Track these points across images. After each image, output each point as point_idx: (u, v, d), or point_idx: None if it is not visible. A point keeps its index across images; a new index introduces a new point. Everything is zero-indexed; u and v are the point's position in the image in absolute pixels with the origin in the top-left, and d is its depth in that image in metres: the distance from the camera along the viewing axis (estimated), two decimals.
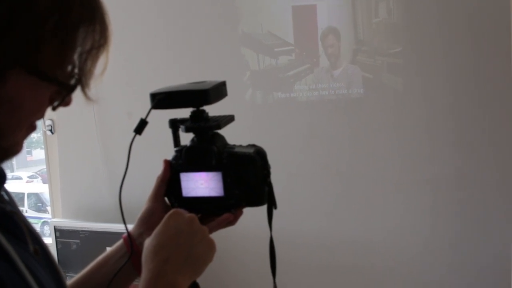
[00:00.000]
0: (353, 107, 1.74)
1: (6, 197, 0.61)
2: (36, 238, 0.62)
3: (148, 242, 0.68)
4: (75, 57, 0.54)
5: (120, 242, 0.79)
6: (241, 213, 0.77)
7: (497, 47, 1.55)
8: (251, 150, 0.74)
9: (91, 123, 1.76)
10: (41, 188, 4.68)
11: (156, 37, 1.88)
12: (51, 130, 1.92)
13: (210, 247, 0.70)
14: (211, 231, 0.74)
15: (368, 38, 1.68)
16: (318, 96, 1.78)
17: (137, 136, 0.72)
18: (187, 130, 0.76)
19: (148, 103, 0.73)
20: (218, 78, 1.79)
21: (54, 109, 0.57)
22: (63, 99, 0.56)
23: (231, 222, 0.76)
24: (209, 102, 0.73)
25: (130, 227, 0.79)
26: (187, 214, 0.70)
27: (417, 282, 1.67)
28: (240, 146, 0.76)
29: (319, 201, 1.80)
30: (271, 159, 0.78)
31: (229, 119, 0.78)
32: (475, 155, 1.62)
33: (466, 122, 1.62)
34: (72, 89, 0.55)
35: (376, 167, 1.74)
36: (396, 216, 1.69)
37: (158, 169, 0.79)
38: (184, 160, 0.76)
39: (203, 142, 0.75)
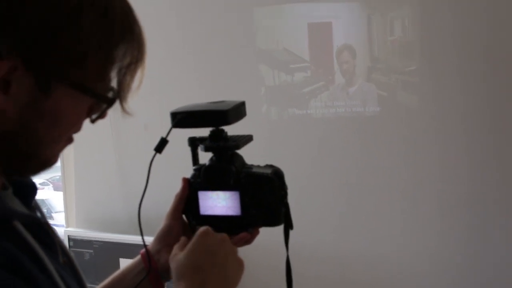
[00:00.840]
0: (368, 125, 1.74)
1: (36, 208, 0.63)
2: (63, 249, 0.64)
3: (180, 259, 0.68)
4: (115, 72, 0.56)
5: (137, 258, 0.79)
6: (257, 232, 0.78)
7: None
8: (268, 171, 0.75)
9: (107, 134, 1.78)
10: (48, 195, 4.71)
11: (174, 51, 1.91)
12: None
13: (241, 267, 0.71)
14: None
15: (383, 56, 1.69)
16: (334, 113, 1.79)
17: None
18: (206, 149, 0.77)
19: (164, 116, 0.75)
20: (234, 93, 1.85)
21: (93, 121, 0.60)
22: (102, 112, 0.59)
23: (248, 241, 0.77)
24: (228, 122, 0.75)
25: (148, 240, 0.79)
26: (218, 234, 0.71)
27: None
28: (258, 166, 0.77)
29: (330, 215, 1.79)
30: (285, 173, 0.78)
31: (248, 139, 0.79)
32: (488, 173, 1.60)
33: (481, 141, 1.62)
34: (111, 102, 0.57)
35: (390, 183, 1.73)
36: (405, 230, 1.68)
37: (176, 184, 0.79)
38: (203, 179, 0.77)
39: (222, 162, 0.77)
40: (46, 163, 0.57)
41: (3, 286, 0.47)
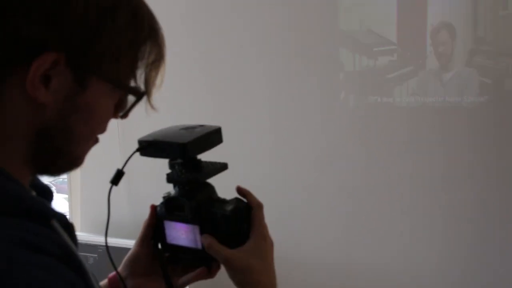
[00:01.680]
0: (466, 118, 1.47)
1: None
2: None
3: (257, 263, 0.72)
4: (142, 68, 0.60)
5: (105, 282, 0.79)
6: (218, 267, 0.77)
7: None
8: (229, 208, 0.73)
9: (114, 138, 1.73)
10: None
11: (238, 33, 1.75)
12: None
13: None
14: (188, 282, 0.78)
15: (491, 35, 1.41)
16: (422, 103, 1.53)
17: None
18: (168, 180, 0.76)
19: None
20: (309, 78, 1.66)
21: (122, 117, 0.63)
22: (129, 109, 0.61)
23: (210, 275, 0.78)
24: (187, 155, 0.72)
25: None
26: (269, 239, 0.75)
27: None
28: (223, 200, 0.76)
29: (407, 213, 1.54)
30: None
31: (218, 169, 0.76)
32: None
33: None
34: (142, 95, 0.60)
35: (484, 187, 1.45)
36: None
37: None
38: (165, 209, 0.76)
39: (182, 195, 0.75)
40: (75, 161, 0.60)
41: (58, 276, 0.48)
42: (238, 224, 0.74)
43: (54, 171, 0.60)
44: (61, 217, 0.56)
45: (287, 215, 1.67)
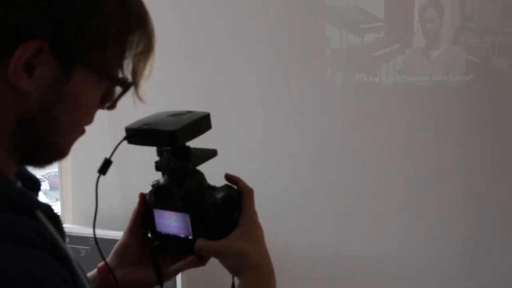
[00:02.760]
0: (452, 96, 1.48)
1: None
2: None
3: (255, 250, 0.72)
4: (130, 58, 0.58)
5: (94, 272, 0.78)
6: (209, 256, 0.76)
7: None
8: (219, 195, 0.73)
9: (105, 130, 1.69)
10: None
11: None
12: None
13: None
14: (179, 270, 0.77)
15: (478, 13, 1.41)
16: (408, 81, 1.53)
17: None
18: (156, 168, 0.74)
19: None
20: (295, 54, 1.64)
21: (109, 108, 0.61)
22: (116, 100, 0.60)
23: (201, 263, 0.77)
24: (176, 143, 0.71)
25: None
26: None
27: None
28: (213, 188, 0.75)
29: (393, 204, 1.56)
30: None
31: (207, 156, 0.75)
32: None
33: None
34: (128, 86, 0.59)
35: (474, 171, 1.47)
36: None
37: None
38: (154, 198, 0.75)
39: (172, 183, 0.74)
40: (60, 152, 0.59)
41: (43, 267, 0.47)
42: (228, 211, 0.73)
43: (39, 162, 0.59)
44: (46, 208, 0.55)
45: (278, 203, 1.67)
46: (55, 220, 0.57)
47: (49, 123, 0.55)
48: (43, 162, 0.59)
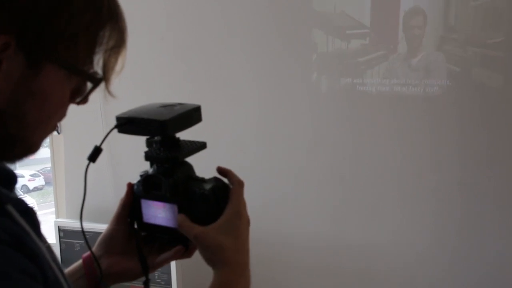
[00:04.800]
0: (431, 104, 1.51)
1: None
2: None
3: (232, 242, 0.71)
4: (101, 54, 0.57)
5: (79, 262, 0.77)
6: (195, 247, 0.75)
7: None
8: (208, 187, 0.72)
9: (98, 124, 1.69)
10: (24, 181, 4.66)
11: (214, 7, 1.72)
12: (57, 130, 1.86)
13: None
14: (165, 262, 0.77)
15: (461, 24, 1.44)
16: (391, 87, 1.56)
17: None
18: (146, 158, 0.74)
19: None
20: (283, 57, 1.65)
21: (79, 103, 0.60)
22: (87, 95, 0.59)
23: (187, 254, 0.76)
24: (167, 133, 0.72)
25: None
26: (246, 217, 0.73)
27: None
28: (202, 180, 0.74)
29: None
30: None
31: (197, 148, 0.75)
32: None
33: None
34: (98, 82, 0.58)
35: (450, 174, 1.50)
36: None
37: None
38: (142, 188, 0.75)
39: (160, 173, 0.73)
40: (31, 148, 0.58)
41: (9, 263, 0.47)
42: (216, 203, 0.72)
43: (9, 158, 0.58)
44: (18, 202, 0.55)
45: (273, 196, 1.68)
46: (29, 214, 0.56)
47: (19, 119, 0.54)
48: (13, 158, 0.58)
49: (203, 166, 0.78)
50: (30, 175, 4.86)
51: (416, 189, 1.56)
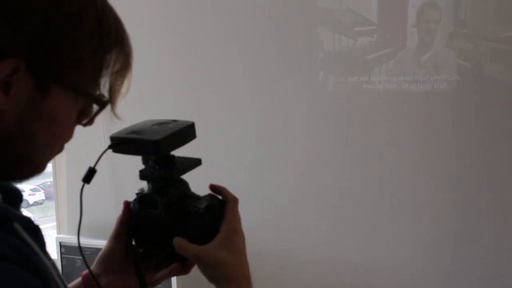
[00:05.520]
0: (441, 101, 1.47)
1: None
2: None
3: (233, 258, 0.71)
4: (107, 77, 0.59)
5: (78, 280, 0.78)
6: (193, 263, 0.75)
7: None
8: (202, 205, 0.72)
9: (100, 140, 1.64)
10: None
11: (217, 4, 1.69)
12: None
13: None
14: (162, 279, 0.77)
15: (472, 19, 1.41)
16: (400, 85, 1.53)
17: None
18: (141, 177, 0.74)
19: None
20: (287, 57, 1.62)
21: (85, 125, 0.62)
22: (92, 117, 0.61)
23: (184, 271, 0.77)
24: (160, 153, 0.71)
25: None
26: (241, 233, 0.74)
27: None
28: (197, 197, 0.75)
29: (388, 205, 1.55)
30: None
31: (191, 165, 0.74)
32: None
33: None
34: (104, 105, 0.59)
35: (463, 175, 1.47)
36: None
37: None
38: (138, 206, 0.75)
39: (155, 191, 0.74)
40: (37, 168, 0.59)
41: (17, 280, 0.48)
42: (211, 221, 0.72)
43: (15, 178, 0.59)
44: (24, 220, 0.56)
45: (271, 209, 1.65)
46: (35, 232, 0.57)
47: (26, 140, 0.55)
48: (19, 177, 0.59)
49: (204, 178, 0.77)
50: (31, 189, 4.93)
51: (415, 204, 1.53)
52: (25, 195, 5.15)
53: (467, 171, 1.48)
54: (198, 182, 0.77)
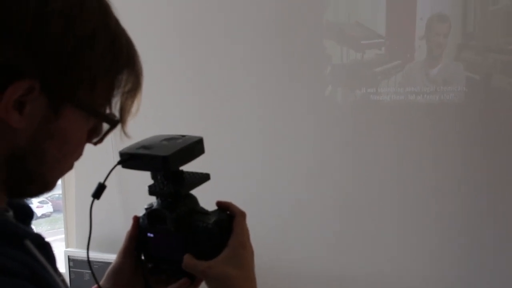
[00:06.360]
0: (449, 114, 1.47)
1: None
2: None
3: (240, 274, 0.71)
4: (118, 96, 0.60)
5: None
6: (201, 279, 0.76)
7: None
8: (211, 220, 0.73)
9: (108, 154, 1.66)
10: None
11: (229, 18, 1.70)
12: None
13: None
14: None
15: (480, 31, 1.41)
16: (409, 98, 1.53)
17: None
18: (150, 192, 0.75)
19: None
20: (295, 71, 1.63)
21: (96, 144, 0.63)
22: (104, 136, 0.62)
23: (193, 285, 0.78)
24: (169, 168, 0.72)
25: None
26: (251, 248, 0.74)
27: None
28: (205, 212, 0.75)
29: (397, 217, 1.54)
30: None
31: (200, 180, 0.75)
32: None
33: None
34: (116, 124, 0.60)
35: (473, 188, 1.46)
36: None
37: None
38: (147, 221, 0.76)
39: (164, 207, 0.74)
40: (47, 185, 0.60)
41: None
42: (220, 235, 0.73)
43: (26, 195, 0.60)
44: (35, 237, 0.56)
45: (275, 223, 1.65)
46: (46, 248, 0.57)
47: (37, 158, 0.56)
48: (30, 194, 0.60)
49: (211, 191, 0.78)
50: (38, 201, 4.96)
51: (419, 218, 1.52)
52: (33, 208, 5.19)
53: (476, 183, 1.47)
54: (206, 196, 0.77)
